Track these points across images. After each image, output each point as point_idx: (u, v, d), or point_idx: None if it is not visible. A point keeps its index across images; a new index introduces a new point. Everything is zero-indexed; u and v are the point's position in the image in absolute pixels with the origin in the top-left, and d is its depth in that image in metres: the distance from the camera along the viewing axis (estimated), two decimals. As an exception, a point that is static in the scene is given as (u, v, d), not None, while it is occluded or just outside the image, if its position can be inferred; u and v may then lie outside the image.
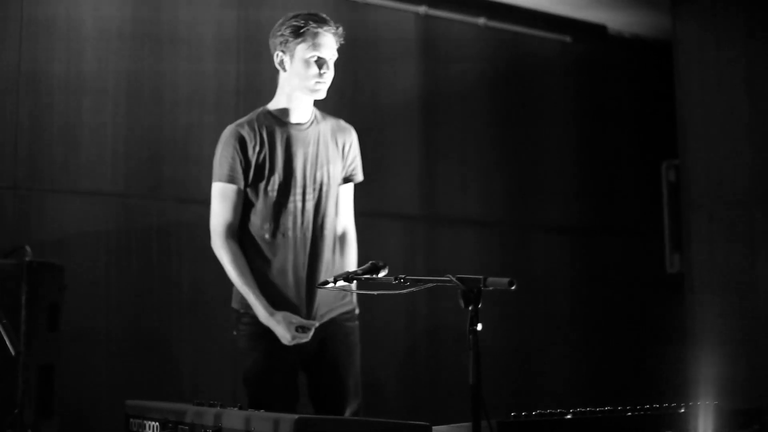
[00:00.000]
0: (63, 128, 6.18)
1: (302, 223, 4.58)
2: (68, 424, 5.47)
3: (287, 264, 4.55)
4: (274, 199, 4.54)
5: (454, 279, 3.31)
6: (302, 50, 4.55)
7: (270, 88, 6.80)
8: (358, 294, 4.79)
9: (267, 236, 4.54)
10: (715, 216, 6.86)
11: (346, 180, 4.83)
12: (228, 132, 4.60)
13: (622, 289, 8.31)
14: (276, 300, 4.51)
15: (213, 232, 4.59)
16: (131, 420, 4.22)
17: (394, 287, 3.68)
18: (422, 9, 7.54)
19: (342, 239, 4.83)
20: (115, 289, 6.23)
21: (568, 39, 8.29)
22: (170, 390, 5.93)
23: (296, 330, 4.45)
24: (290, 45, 4.56)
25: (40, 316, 5.12)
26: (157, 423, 3.98)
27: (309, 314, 4.57)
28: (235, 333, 4.68)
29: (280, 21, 4.63)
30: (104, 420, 5.75)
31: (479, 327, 3.21)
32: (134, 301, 6.29)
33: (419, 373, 7.28)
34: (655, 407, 4.02)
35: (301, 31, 4.55)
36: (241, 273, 4.50)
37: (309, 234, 4.59)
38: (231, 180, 4.53)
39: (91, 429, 5.93)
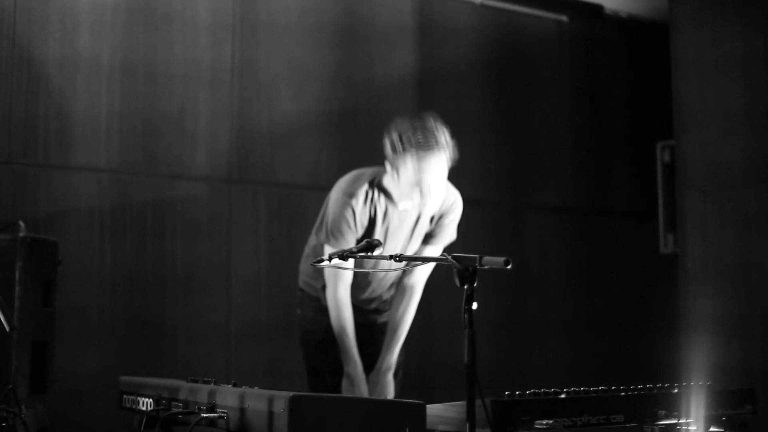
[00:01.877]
0: (58, 104, 6.17)
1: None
2: (61, 400, 5.47)
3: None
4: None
5: (449, 258, 3.31)
6: (410, 169, 4.58)
7: (266, 65, 6.83)
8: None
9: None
10: (710, 197, 6.85)
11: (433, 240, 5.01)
12: (342, 196, 4.70)
13: (615, 269, 8.32)
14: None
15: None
16: (125, 396, 4.21)
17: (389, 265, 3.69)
18: (418, -13, 7.54)
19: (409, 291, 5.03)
20: (109, 265, 6.23)
21: (564, 18, 8.27)
22: (164, 366, 5.93)
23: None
24: (399, 155, 4.58)
25: (34, 291, 5.11)
26: (150, 399, 3.98)
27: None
28: (299, 311, 4.92)
29: (396, 131, 4.66)
30: (98, 396, 5.76)
31: (474, 306, 3.21)
32: (128, 277, 6.29)
33: (411, 352, 7.28)
34: (649, 387, 4.02)
35: (410, 150, 4.57)
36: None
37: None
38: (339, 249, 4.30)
39: (84, 405, 5.93)
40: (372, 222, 4.69)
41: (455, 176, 7.56)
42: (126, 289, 6.27)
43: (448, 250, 7.38)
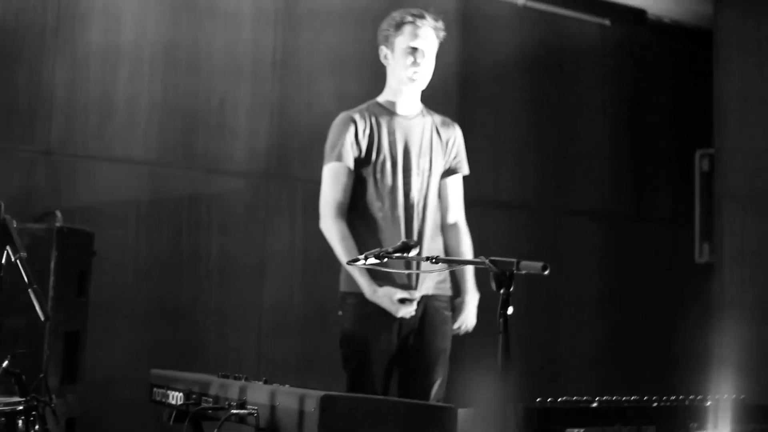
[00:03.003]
0: (98, 95, 6.19)
1: (408, 204, 4.75)
2: (92, 391, 5.49)
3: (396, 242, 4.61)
4: (382, 180, 4.72)
5: (486, 261, 3.28)
6: (400, 42, 4.77)
7: (307, 60, 6.82)
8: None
9: (380, 215, 4.70)
10: (749, 207, 6.81)
11: (451, 172, 5.02)
12: (340, 118, 4.83)
13: (651, 276, 8.27)
14: (385, 277, 4.61)
15: (323, 212, 4.74)
16: (155, 389, 4.22)
17: (427, 267, 3.67)
18: (461, -13, 7.51)
19: (455, 229, 5.04)
20: (144, 257, 6.25)
21: (607, 22, 8.23)
22: (195, 361, 5.93)
23: (400, 302, 4.61)
24: (391, 38, 4.80)
25: (69, 282, 5.13)
26: (181, 393, 3.98)
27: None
28: (340, 313, 4.84)
29: (385, 18, 4.86)
30: (128, 388, 5.76)
31: (510, 311, 3.19)
32: (162, 270, 6.30)
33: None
34: (682, 399, 4.00)
35: (401, 24, 4.78)
36: (348, 252, 4.61)
37: (414, 215, 4.76)
38: (340, 158, 4.71)
39: (114, 397, 5.95)
40: (377, 137, 4.78)
41: (493, 177, 7.57)
42: (160, 283, 6.28)
43: (486, 254, 7.38)
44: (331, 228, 4.70)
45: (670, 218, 8.44)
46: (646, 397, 3.92)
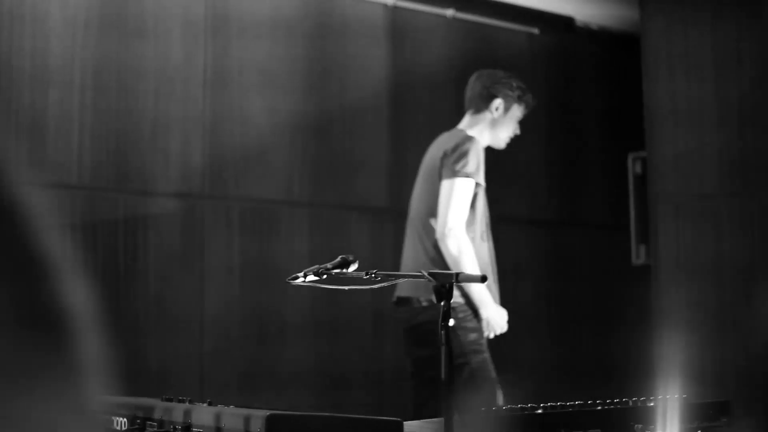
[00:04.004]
0: (28, 120, 6.12)
1: (488, 229, 5.32)
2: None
3: (490, 259, 5.21)
4: (476, 205, 5.19)
5: (426, 274, 3.31)
6: (516, 110, 5.42)
7: (238, 78, 6.80)
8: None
9: (471, 235, 5.06)
10: (682, 208, 6.88)
11: None
12: (476, 139, 5.27)
13: (589, 281, 8.34)
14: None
15: (455, 224, 4.98)
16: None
17: (365, 282, 3.67)
18: (390, 0, 7.53)
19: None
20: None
21: (535, 31, 8.30)
22: (137, 385, 5.88)
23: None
24: (511, 102, 5.39)
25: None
26: (125, 419, 3.94)
27: None
28: (452, 322, 4.93)
29: (509, 78, 5.52)
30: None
31: (451, 322, 3.21)
32: (99, 294, 6.22)
33: (385, 368, 7.27)
34: (625, 401, 4.03)
35: (523, 98, 5.45)
36: (475, 264, 4.97)
37: (490, 238, 5.35)
38: (476, 177, 5.14)
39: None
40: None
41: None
42: (97, 304, 6.21)
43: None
44: (463, 239, 4.99)
45: (605, 222, 8.52)
46: (590, 401, 3.94)
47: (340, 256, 3.83)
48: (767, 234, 6.65)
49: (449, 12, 7.81)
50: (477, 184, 5.07)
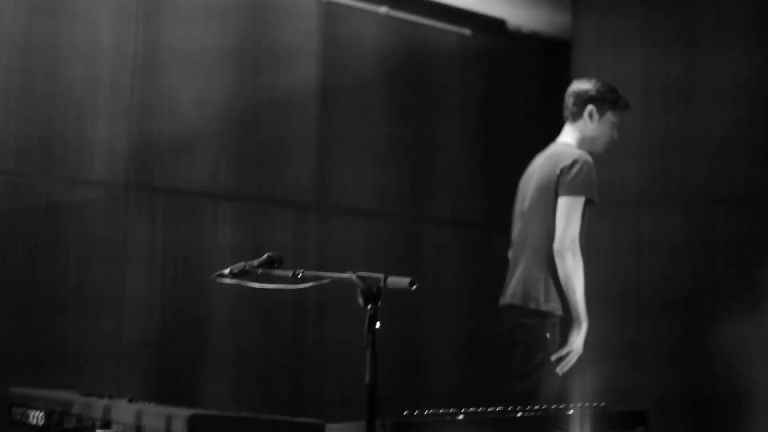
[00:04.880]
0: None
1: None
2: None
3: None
4: None
5: (353, 276, 3.31)
6: (611, 116, 5.53)
7: (168, 68, 6.72)
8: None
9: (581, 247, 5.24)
10: (605, 216, 6.95)
11: None
12: (591, 159, 5.41)
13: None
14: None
15: (570, 241, 5.17)
16: (14, 408, 4.11)
17: (292, 282, 3.66)
18: (324, -4, 7.51)
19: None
20: (0, 270, 6.07)
21: (467, 32, 8.31)
22: (54, 377, 5.81)
23: None
24: (605, 108, 5.50)
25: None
26: (41, 413, 3.88)
27: None
28: (548, 335, 5.26)
29: (600, 84, 5.58)
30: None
31: (377, 326, 3.21)
32: (19, 282, 6.13)
33: (306, 361, 7.25)
34: (544, 408, 4.06)
35: (616, 103, 5.53)
36: (582, 281, 5.17)
37: None
38: (589, 197, 5.28)
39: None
40: None
41: (354, 185, 7.58)
42: (18, 293, 6.10)
43: (349, 262, 7.39)
44: (578, 257, 5.18)
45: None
46: (510, 407, 3.96)
47: (267, 254, 3.82)
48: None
49: (383, 9, 7.80)
50: (589, 201, 5.25)
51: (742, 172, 6.82)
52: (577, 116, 5.53)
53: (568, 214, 5.17)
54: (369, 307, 3.25)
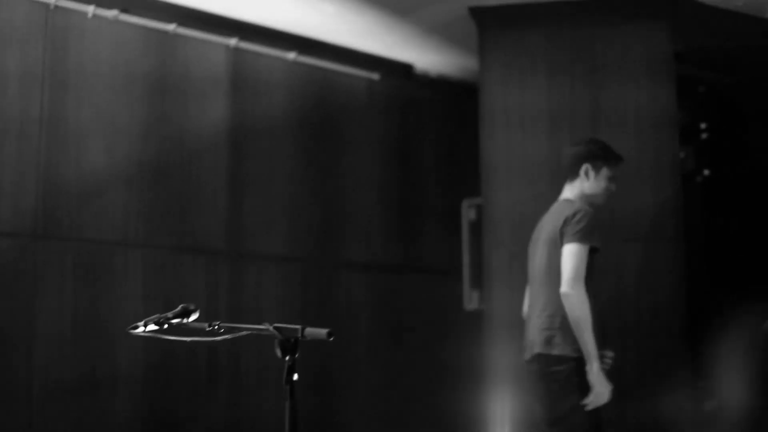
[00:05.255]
0: None
1: None
2: None
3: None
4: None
5: (271, 328, 3.29)
6: (606, 171, 5.86)
7: (76, 119, 6.65)
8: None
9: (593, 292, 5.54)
10: (516, 256, 7.00)
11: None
12: (590, 209, 5.72)
13: (423, 326, 8.39)
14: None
15: (574, 282, 5.46)
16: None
17: (208, 334, 3.62)
18: (233, 41, 7.49)
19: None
20: None
21: (375, 77, 8.36)
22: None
23: None
24: (600, 164, 5.84)
25: None
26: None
27: None
28: (576, 378, 5.46)
29: (592, 142, 5.96)
30: None
31: (296, 377, 3.20)
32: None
33: (218, 415, 7.19)
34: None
35: (611, 159, 5.88)
36: (589, 320, 5.40)
37: None
38: (592, 243, 5.56)
39: None
40: None
41: (266, 231, 7.56)
42: None
43: (259, 308, 7.36)
44: (584, 297, 5.42)
45: (440, 268, 8.59)
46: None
47: (181, 305, 3.77)
48: (600, 280, 6.83)
49: (291, 55, 7.81)
50: (593, 249, 5.57)
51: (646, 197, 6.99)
52: (574, 175, 5.87)
53: (572, 259, 5.50)
54: (287, 358, 3.22)
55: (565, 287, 5.47)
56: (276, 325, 3.30)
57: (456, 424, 7.53)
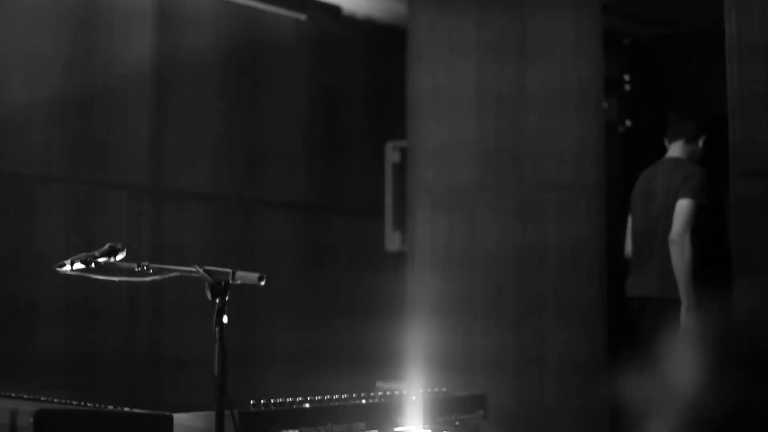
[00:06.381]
0: None
1: None
2: None
3: None
4: None
5: (201, 270, 3.29)
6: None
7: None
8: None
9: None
10: (439, 199, 7.06)
11: None
12: (702, 169, 6.30)
13: (345, 266, 8.44)
14: None
15: (685, 232, 6.11)
16: None
17: (136, 274, 3.61)
18: (159, -22, 7.42)
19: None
20: None
21: (302, 17, 8.32)
22: None
23: None
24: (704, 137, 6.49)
25: None
26: None
27: None
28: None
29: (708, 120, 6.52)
30: None
31: (225, 320, 3.22)
32: None
33: (138, 351, 7.18)
34: (389, 395, 4.13)
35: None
36: (689, 267, 6.06)
37: None
38: (701, 201, 6.15)
39: None
40: None
41: (188, 168, 7.52)
42: None
43: (183, 247, 7.34)
44: (688, 247, 6.06)
45: (362, 208, 8.63)
46: (355, 395, 4.02)
47: (108, 244, 3.74)
48: (519, 225, 6.91)
49: (219, -8, 7.76)
50: (700, 205, 6.15)
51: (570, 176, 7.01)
52: (692, 140, 6.44)
53: (685, 212, 6.12)
54: (217, 301, 3.24)
55: (674, 235, 6.10)
56: (206, 267, 3.30)
57: (375, 357, 7.58)
